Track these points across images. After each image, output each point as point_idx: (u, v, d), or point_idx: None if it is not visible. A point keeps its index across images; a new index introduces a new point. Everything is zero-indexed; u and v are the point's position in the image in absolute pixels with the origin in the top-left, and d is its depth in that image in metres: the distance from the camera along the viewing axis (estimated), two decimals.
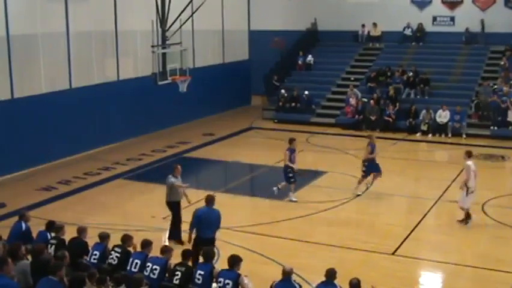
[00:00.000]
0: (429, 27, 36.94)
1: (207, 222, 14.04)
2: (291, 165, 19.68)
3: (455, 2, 36.60)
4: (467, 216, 17.57)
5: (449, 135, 29.80)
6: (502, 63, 33.04)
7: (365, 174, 20.40)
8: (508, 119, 29.58)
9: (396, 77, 33.67)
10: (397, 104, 31.52)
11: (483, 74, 33.74)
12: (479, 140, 28.43)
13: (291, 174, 19.79)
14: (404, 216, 19.23)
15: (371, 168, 20.39)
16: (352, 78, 35.15)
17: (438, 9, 36.98)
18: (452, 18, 36.67)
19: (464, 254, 16.02)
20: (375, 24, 37.23)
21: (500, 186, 19.67)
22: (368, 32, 37.68)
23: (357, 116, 31.73)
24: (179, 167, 16.64)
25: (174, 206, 16.37)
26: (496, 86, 31.28)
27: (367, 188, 20.68)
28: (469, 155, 17.77)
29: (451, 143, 28.84)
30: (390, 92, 32.24)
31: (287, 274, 11.02)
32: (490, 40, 35.14)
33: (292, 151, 19.84)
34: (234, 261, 11.38)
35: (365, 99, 32.24)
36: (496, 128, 29.72)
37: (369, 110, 31.48)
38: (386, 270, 14.77)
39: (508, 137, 28.82)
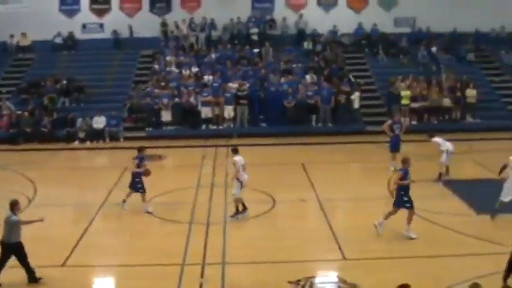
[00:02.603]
0: (79, 35, 37.11)
1: None
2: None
3: (103, 9, 37.20)
4: (244, 208, 18.31)
5: (107, 140, 30.34)
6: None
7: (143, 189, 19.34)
8: (162, 119, 30.93)
9: (50, 87, 33.24)
10: (53, 114, 31.16)
11: (135, 77, 34.86)
12: (136, 142, 29.12)
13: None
14: (71, 225, 19.01)
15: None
16: (3, 91, 34.03)
17: (87, 17, 37.45)
18: (102, 25, 37.27)
19: (135, 254, 16.29)
20: (24, 34, 36.35)
21: (162, 184, 20.40)
22: (17, 42, 36.64)
23: (12, 130, 30.76)
24: (20, 202, 14.57)
25: (14, 248, 14.09)
26: (148, 89, 32.43)
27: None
28: (234, 151, 18.59)
29: (109, 148, 29.44)
30: (45, 102, 31.81)
31: None
32: (139, 45, 36.33)
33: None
34: None
35: (19, 112, 31.41)
36: (151, 128, 30.90)
37: (24, 122, 30.71)
38: (56, 282, 14.41)
39: (163, 136, 30.28)
